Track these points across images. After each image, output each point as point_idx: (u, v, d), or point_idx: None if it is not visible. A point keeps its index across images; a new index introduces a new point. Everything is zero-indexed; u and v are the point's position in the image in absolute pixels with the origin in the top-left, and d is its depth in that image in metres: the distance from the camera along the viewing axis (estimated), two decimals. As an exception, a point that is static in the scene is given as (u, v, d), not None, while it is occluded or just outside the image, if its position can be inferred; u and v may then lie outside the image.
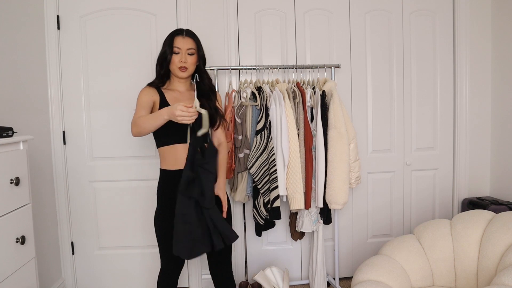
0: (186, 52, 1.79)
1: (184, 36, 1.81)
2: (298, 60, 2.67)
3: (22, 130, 2.15)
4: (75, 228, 2.63)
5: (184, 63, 1.78)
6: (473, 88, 2.81)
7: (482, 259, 1.84)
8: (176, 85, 1.87)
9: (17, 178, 1.58)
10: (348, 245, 2.82)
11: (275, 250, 2.76)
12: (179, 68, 1.79)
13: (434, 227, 2.06)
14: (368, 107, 2.76)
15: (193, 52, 1.81)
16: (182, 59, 1.78)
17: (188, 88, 1.90)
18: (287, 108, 2.28)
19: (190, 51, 1.80)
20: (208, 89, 1.89)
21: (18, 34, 2.23)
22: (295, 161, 2.27)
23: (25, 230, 1.65)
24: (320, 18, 2.68)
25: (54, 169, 2.56)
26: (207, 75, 1.91)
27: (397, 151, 2.82)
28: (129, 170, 2.62)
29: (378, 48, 2.74)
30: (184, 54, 1.79)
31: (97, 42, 2.56)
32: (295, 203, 2.29)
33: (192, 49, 1.81)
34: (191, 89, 1.90)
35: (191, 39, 1.82)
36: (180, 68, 1.79)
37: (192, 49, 1.81)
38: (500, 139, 2.77)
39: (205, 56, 1.90)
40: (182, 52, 1.79)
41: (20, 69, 2.25)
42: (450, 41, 2.80)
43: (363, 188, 2.80)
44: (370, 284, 1.74)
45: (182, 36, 1.81)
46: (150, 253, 2.68)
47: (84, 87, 2.57)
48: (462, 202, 2.80)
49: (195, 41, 1.83)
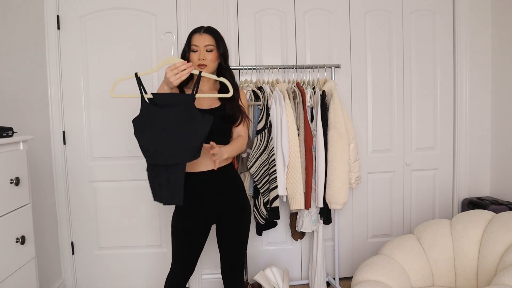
0: (204, 49, 1.73)
1: (201, 33, 1.75)
2: (298, 60, 2.67)
3: (22, 130, 2.15)
4: (75, 228, 2.63)
5: (203, 60, 1.72)
6: (473, 88, 2.81)
7: (482, 259, 1.84)
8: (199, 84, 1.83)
9: (17, 178, 1.58)
10: (348, 245, 2.82)
11: (275, 250, 2.76)
12: (198, 66, 1.72)
13: (434, 227, 2.05)
14: (368, 107, 2.76)
15: (212, 48, 1.74)
16: (201, 57, 1.72)
17: (211, 88, 1.84)
18: (288, 108, 2.28)
19: (209, 47, 1.74)
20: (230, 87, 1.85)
21: (18, 34, 2.23)
22: (295, 161, 2.27)
23: (25, 230, 1.65)
24: (320, 18, 2.68)
25: (54, 169, 2.55)
26: (230, 72, 1.83)
27: (397, 151, 2.82)
28: (129, 170, 2.62)
29: (378, 48, 2.74)
30: (202, 51, 1.73)
31: (97, 42, 2.56)
32: (295, 203, 2.29)
33: (211, 46, 1.74)
34: (214, 89, 1.84)
35: (209, 35, 1.76)
36: (198, 66, 1.72)
37: (211, 45, 1.74)
38: (500, 139, 2.77)
39: (227, 53, 1.82)
40: (200, 50, 1.73)
41: (20, 69, 2.25)
42: (450, 41, 2.80)
43: (363, 188, 2.80)
44: (370, 284, 1.74)
45: (199, 34, 1.75)
46: (150, 253, 2.68)
47: (84, 87, 2.57)
48: (462, 202, 2.80)
49: (213, 37, 1.76)
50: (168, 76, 1.56)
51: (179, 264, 1.79)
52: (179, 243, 1.78)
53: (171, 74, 1.56)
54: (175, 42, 1.62)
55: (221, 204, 1.76)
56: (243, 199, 1.83)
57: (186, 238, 1.77)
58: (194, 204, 1.75)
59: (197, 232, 1.78)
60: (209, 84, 1.83)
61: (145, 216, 2.66)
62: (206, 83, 1.82)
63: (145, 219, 2.66)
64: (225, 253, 1.83)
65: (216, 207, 1.76)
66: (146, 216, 2.66)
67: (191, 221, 1.76)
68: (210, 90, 1.83)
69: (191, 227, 1.76)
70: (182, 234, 1.77)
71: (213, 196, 1.75)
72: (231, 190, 1.79)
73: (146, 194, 2.64)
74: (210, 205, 1.75)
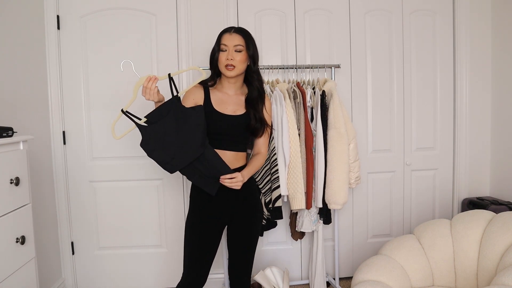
0: (233, 49, 1.68)
1: (231, 33, 1.70)
2: (298, 60, 2.67)
3: (22, 130, 2.15)
4: (75, 228, 2.63)
5: (231, 60, 1.67)
6: (473, 88, 2.81)
7: (482, 259, 1.84)
8: (225, 86, 1.77)
9: (17, 178, 1.58)
10: (348, 245, 2.82)
11: (275, 250, 2.76)
12: (225, 67, 1.68)
13: (434, 227, 2.06)
14: (368, 107, 2.76)
15: (241, 49, 1.69)
16: (229, 57, 1.67)
17: (238, 93, 1.78)
18: (288, 108, 2.28)
19: (238, 47, 1.68)
20: (256, 94, 1.77)
21: (18, 34, 2.23)
22: (296, 161, 2.27)
23: (25, 230, 1.65)
24: (320, 18, 2.68)
25: (54, 169, 2.55)
26: (258, 76, 1.77)
27: (397, 151, 2.82)
28: (129, 170, 2.62)
29: (378, 48, 2.74)
30: (231, 52, 1.68)
31: (97, 42, 2.56)
32: (296, 203, 2.29)
33: (240, 46, 1.69)
34: (241, 94, 1.79)
35: (239, 35, 1.70)
36: (226, 66, 1.67)
37: (240, 45, 1.69)
38: (500, 139, 2.77)
39: (256, 56, 1.75)
40: (229, 49, 1.68)
41: (20, 69, 2.25)
42: (450, 41, 2.80)
43: (363, 188, 2.79)
44: (370, 284, 1.74)
45: (229, 33, 1.70)
46: (150, 253, 2.68)
47: (84, 87, 2.57)
48: (462, 202, 2.80)
49: (243, 37, 1.71)
50: (143, 95, 1.60)
51: (189, 273, 1.72)
52: (190, 248, 1.73)
53: (144, 95, 1.59)
54: (133, 67, 1.67)
55: (236, 206, 1.75)
56: (257, 202, 1.83)
57: (200, 241, 1.72)
58: (209, 206, 1.73)
59: (212, 236, 1.75)
60: (235, 87, 1.78)
61: (145, 216, 2.66)
62: (233, 86, 1.77)
63: (145, 219, 2.66)
64: (235, 256, 1.82)
65: (231, 208, 1.75)
66: (146, 216, 2.66)
67: (206, 225, 1.73)
68: (236, 95, 1.78)
69: (207, 230, 1.73)
70: (194, 240, 1.73)
71: (229, 197, 1.73)
72: (245, 192, 1.76)
73: (146, 194, 2.64)
74: (225, 206, 1.74)
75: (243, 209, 1.77)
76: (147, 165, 2.61)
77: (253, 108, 1.74)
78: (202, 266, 1.73)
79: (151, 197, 2.64)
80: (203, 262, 1.73)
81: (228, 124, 1.71)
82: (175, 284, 2.71)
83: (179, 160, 1.62)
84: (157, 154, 1.63)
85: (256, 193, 1.86)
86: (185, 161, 1.62)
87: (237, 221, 1.78)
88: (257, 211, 1.82)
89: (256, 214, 1.82)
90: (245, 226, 1.79)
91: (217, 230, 1.77)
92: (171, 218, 2.67)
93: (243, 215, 1.77)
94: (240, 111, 1.74)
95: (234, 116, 1.72)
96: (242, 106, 1.75)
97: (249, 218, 1.79)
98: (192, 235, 1.74)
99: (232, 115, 1.72)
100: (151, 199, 2.64)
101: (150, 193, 2.63)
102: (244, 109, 1.75)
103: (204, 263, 1.74)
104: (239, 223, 1.78)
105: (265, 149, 1.83)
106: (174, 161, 1.62)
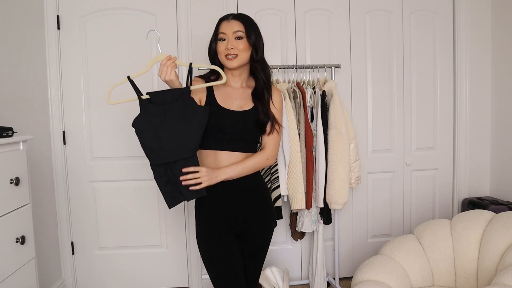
0: (232, 36, 1.51)
1: (230, 20, 1.52)
2: (298, 60, 2.67)
3: (22, 130, 2.14)
4: (75, 228, 2.63)
5: (231, 49, 1.49)
6: (473, 87, 2.81)
7: (482, 259, 1.84)
8: (229, 80, 1.58)
9: (17, 178, 1.58)
10: (348, 245, 2.82)
11: (275, 250, 2.75)
12: (225, 57, 1.51)
13: (434, 227, 2.06)
14: (368, 107, 2.76)
15: (242, 35, 1.51)
16: (228, 46, 1.50)
17: (244, 85, 1.61)
18: (288, 108, 2.28)
19: (238, 34, 1.51)
20: (262, 86, 1.58)
21: (18, 34, 2.23)
22: (296, 161, 2.27)
23: (25, 230, 1.65)
24: (320, 18, 2.68)
25: (54, 169, 2.55)
26: (263, 66, 1.59)
27: (397, 151, 2.82)
28: (129, 170, 2.62)
29: (378, 48, 2.74)
30: (231, 40, 1.50)
31: (97, 42, 2.56)
32: (296, 203, 2.29)
33: (240, 32, 1.51)
34: (247, 87, 1.61)
35: (238, 21, 1.52)
36: (226, 56, 1.51)
37: (240, 31, 1.51)
38: (500, 139, 2.77)
39: (259, 44, 1.57)
40: (228, 38, 1.51)
41: (20, 69, 2.25)
42: (450, 41, 2.80)
43: (363, 188, 2.79)
44: (370, 284, 1.74)
45: (227, 20, 1.53)
46: (150, 253, 2.68)
47: (84, 87, 2.57)
48: (462, 202, 2.80)
49: (243, 23, 1.52)
50: (159, 75, 1.44)
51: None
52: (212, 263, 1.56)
53: (160, 74, 1.44)
54: (160, 39, 1.56)
55: (247, 210, 1.59)
56: (270, 207, 1.68)
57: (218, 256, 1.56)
58: (218, 212, 1.57)
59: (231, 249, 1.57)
60: (241, 79, 1.61)
61: (145, 216, 2.65)
62: (238, 78, 1.60)
63: (145, 219, 2.66)
64: (245, 262, 1.65)
65: (242, 213, 1.58)
66: (146, 216, 2.66)
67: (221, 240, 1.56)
68: (242, 88, 1.61)
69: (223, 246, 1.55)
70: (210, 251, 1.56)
71: (238, 202, 1.57)
72: (255, 196, 1.61)
73: (146, 194, 2.64)
74: (235, 210, 1.57)
75: (253, 212, 1.61)
76: (147, 165, 2.59)
77: (260, 101, 1.57)
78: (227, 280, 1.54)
79: (151, 197, 2.64)
80: (233, 272, 1.55)
81: (235, 121, 1.54)
82: (175, 284, 2.72)
83: (166, 152, 1.47)
84: (147, 135, 1.48)
85: (269, 198, 1.70)
86: (171, 157, 1.47)
87: (250, 226, 1.62)
88: (268, 216, 1.66)
89: (268, 218, 1.66)
90: (257, 231, 1.64)
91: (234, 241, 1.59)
92: (171, 218, 2.67)
93: (254, 219, 1.61)
94: (248, 106, 1.57)
95: (241, 111, 1.55)
96: (249, 100, 1.58)
97: (261, 222, 1.64)
98: (200, 248, 1.58)
99: (239, 111, 1.55)
100: (151, 199, 2.64)
101: (150, 193, 2.63)
102: (252, 103, 1.58)
103: (235, 273, 1.55)
104: (251, 227, 1.62)
105: (271, 149, 1.60)
106: (161, 151, 1.47)
